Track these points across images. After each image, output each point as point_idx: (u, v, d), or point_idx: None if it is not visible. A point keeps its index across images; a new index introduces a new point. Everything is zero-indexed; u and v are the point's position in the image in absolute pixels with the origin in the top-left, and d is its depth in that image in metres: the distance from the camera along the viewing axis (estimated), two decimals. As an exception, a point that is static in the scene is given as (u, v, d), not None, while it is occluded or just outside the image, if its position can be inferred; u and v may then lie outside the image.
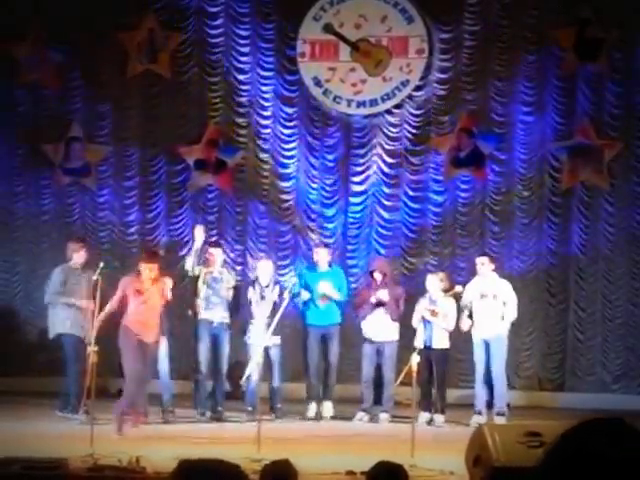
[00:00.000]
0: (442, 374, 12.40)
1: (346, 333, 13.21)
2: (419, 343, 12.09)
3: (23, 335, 15.42)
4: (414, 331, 12.40)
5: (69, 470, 8.57)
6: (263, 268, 12.66)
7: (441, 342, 12.34)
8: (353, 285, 14.14)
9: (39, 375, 14.52)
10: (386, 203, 15.20)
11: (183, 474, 2.49)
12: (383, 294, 12.52)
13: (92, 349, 10.58)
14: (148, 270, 11.11)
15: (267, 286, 12.49)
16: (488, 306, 12.36)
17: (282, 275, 14.49)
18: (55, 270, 12.52)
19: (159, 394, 12.31)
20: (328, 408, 12.71)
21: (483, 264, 12.51)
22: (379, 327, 12.55)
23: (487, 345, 12.32)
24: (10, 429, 10.90)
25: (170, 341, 12.45)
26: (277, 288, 12.50)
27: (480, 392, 12.35)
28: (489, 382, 12.32)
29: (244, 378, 12.16)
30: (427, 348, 12.09)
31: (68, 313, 12.24)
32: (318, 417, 12.58)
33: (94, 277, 11.87)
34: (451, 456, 8.40)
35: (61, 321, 12.28)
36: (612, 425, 1.94)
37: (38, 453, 8.90)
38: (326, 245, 13.65)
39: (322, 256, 12.91)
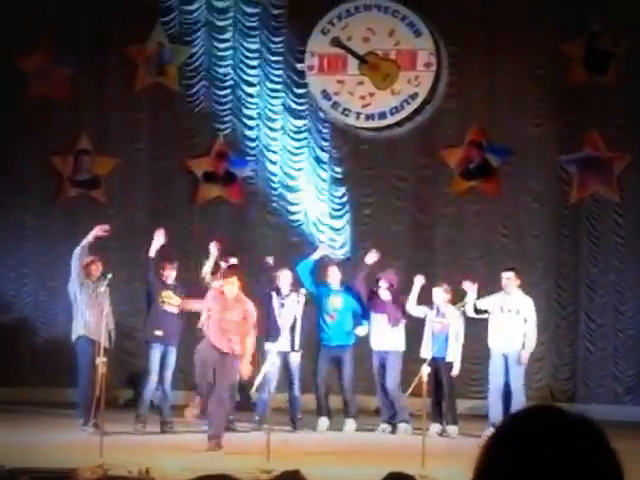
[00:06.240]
0: (451, 385, 12.37)
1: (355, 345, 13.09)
2: (428, 354, 12.06)
3: (32, 346, 15.40)
4: (420, 343, 12.40)
5: (79, 481, 8.56)
6: (284, 277, 12.59)
7: (452, 356, 12.33)
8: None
9: (49, 386, 14.50)
10: (395, 216, 15.18)
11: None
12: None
13: (101, 360, 10.58)
14: (230, 285, 10.89)
15: (287, 295, 12.43)
16: (509, 321, 12.30)
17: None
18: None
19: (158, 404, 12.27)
20: (350, 425, 12.55)
21: (509, 279, 12.45)
22: (382, 335, 12.50)
23: (506, 359, 12.28)
24: (19, 439, 10.85)
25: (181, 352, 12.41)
26: (300, 295, 12.38)
27: (495, 404, 12.26)
28: (506, 395, 12.25)
29: (254, 388, 12.11)
30: (435, 359, 12.06)
31: (86, 314, 11.96)
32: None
33: (102, 288, 11.87)
34: (462, 467, 8.35)
35: (80, 323, 11.98)
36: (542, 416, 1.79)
37: (48, 463, 8.91)
38: (337, 264, 13.52)
39: (334, 274, 12.81)
